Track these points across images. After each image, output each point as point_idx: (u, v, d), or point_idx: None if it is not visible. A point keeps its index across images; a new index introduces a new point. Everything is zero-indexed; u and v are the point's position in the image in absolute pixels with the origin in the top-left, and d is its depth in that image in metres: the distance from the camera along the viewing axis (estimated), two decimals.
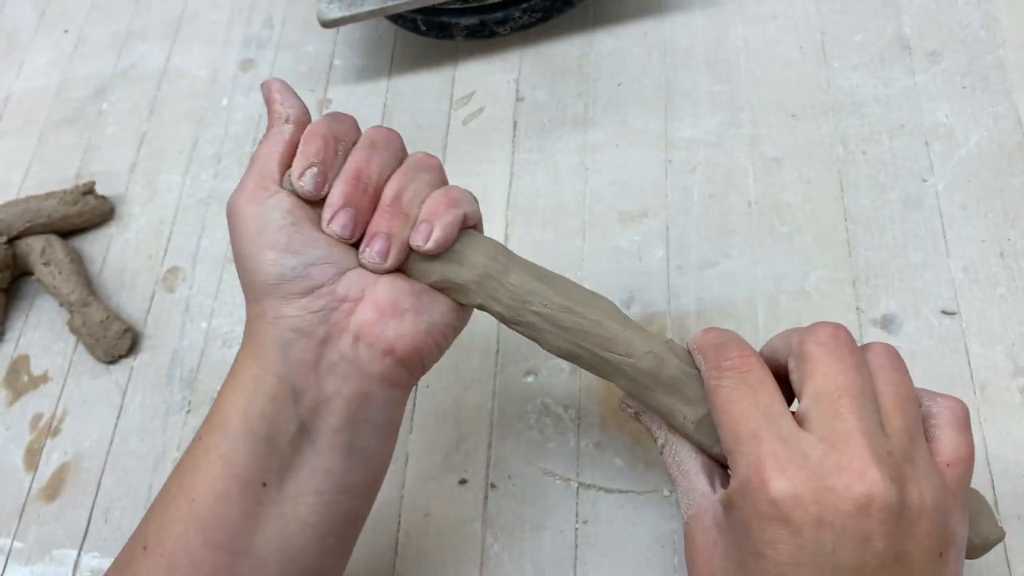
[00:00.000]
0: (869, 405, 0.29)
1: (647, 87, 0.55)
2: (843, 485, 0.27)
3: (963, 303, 0.45)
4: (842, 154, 0.50)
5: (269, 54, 0.62)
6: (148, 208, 0.56)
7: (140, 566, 0.32)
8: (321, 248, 0.33)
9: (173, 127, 0.60)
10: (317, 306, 0.32)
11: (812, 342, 0.30)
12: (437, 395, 0.47)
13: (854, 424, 0.28)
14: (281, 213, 0.32)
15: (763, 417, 0.29)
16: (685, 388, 0.33)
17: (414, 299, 0.34)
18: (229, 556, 0.31)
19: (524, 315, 0.35)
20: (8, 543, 0.46)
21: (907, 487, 0.28)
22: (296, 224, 0.32)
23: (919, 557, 0.28)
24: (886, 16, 0.55)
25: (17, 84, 0.64)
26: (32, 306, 0.54)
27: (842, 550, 0.27)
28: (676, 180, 0.51)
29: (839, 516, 0.27)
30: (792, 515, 0.27)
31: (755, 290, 0.47)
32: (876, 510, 0.27)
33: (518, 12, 0.57)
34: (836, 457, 0.27)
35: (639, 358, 0.34)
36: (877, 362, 0.30)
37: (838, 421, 0.28)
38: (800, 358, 0.30)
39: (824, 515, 0.27)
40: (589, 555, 0.41)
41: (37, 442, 0.49)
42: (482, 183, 0.53)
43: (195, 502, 0.32)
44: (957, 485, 0.29)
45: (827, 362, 0.29)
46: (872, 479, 0.27)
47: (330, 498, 0.33)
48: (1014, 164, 0.48)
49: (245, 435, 0.32)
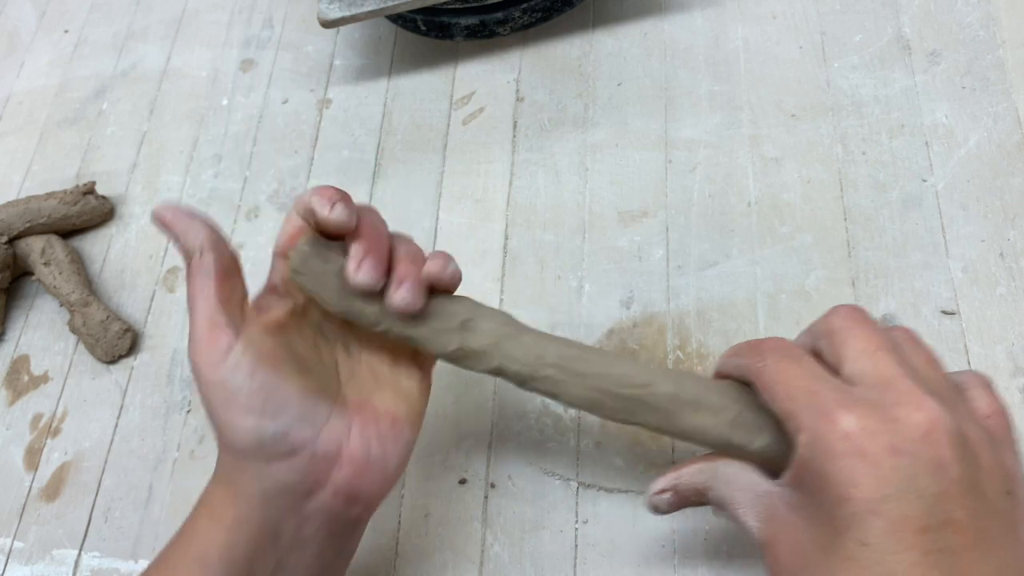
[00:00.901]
0: (905, 358, 0.30)
1: (647, 87, 0.55)
2: (905, 415, 0.28)
3: (963, 303, 0.45)
4: (842, 154, 0.50)
5: (269, 54, 0.62)
6: (148, 208, 0.57)
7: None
8: (295, 406, 0.32)
9: (173, 127, 0.60)
10: (298, 466, 0.33)
11: (836, 319, 0.32)
12: (437, 395, 0.47)
13: (897, 369, 0.29)
14: (244, 376, 0.31)
15: (813, 377, 0.30)
16: (709, 400, 0.33)
17: (381, 441, 0.34)
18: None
19: (542, 370, 0.35)
20: (8, 543, 0.46)
21: (961, 422, 0.28)
22: (263, 387, 0.32)
23: (991, 491, 0.28)
24: (886, 16, 0.55)
25: (18, 84, 0.64)
26: (32, 306, 0.54)
27: (921, 476, 0.27)
28: (676, 180, 0.51)
29: (910, 443, 0.27)
30: (866, 446, 0.27)
31: (755, 290, 0.47)
32: (941, 435, 0.27)
33: (518, 12, 0.57)
34: (891, 395, 0.28)
35: (658, 383, 0.34)
36: (901, 337, 0.32)
37: (882, 369, 0.29)
38: (828, 336, 0.31)
39: (896, 443, 0.27)
40: (589, 555, 0.41)
41: (37, 442, 0.49)
42: (482, 183, 0.53)
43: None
44: (1002, 434, 0.30)
45: (856, 329, 0.31)
46: (930, 407, 0.28)
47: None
48: (1014, 164, 0.48)
49: (227, 573, 0.32)
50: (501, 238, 0.51)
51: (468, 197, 0.53)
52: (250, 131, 0.59)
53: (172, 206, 0.34)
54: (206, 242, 0.33)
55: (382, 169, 0.55)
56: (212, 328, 0.32)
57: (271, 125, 0.59)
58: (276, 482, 0.32)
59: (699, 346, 0.46)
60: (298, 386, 0.33)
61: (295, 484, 0.33)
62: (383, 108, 0.58)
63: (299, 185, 0.56)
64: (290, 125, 0.58)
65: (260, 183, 0.56)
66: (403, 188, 0.54)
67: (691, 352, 0.46)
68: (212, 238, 0.33)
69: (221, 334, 0.32)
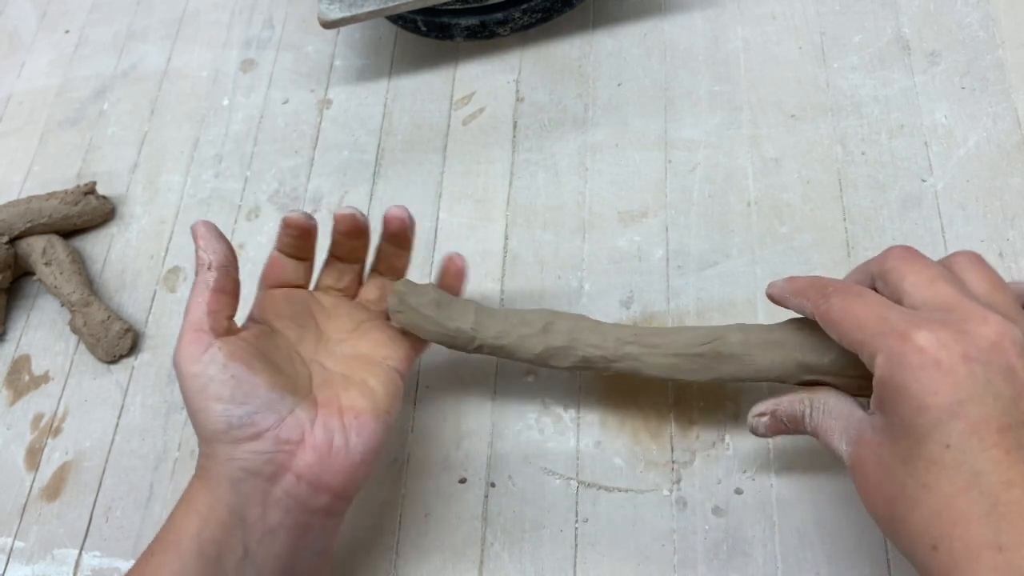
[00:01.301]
0: (963, 285, 0.32)
1: (647, 87, 0.55)
2: (973, 328, 0.30)
3: None
4: (841, 154, 0.51)
5: (270, 55, 0.62)
6: (149, 208, 0.57)
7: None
8: (262, 396, 0.36)
9: (174, 127, 0.60)
10: (263, 448, 0.35)
11: (891, 259, 0.34)
12: (437, 395, 0.47)
13: (957, 294, 0.31)
14: (218, 368, 0.35)
15: (881, 306, 0.32)
16: (774, 337, 0.37)
17: (344, 431, 0.37)
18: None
19: (623, 348, 0.39)
20: (9, 542, 0.46)
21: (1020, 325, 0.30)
22: (235, 377, 0.35)
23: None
24: (885, 17, 0.55)
25: (18, 84, 0.64)
26: (33, 306, 0.54)
27: (996, 380, 0.29)
28: (676, 180, 0.51)
29: (981, 352, 0.29)
30: (941, 356, 0.29)
31: (755, 290, 0.47)
32: (1009, 343, 0.29)
33: (518, 13, 0.57)
34: (956, 314, 0.30)
35: (726, 336, 0.38)
36: (964, 263, 0.34)
37: (943, 296, 0.31)
38: (885, 274, 0.34)
39: (969, 351, 0.29)
40: (589, 554, 0.42)
41: (38, 442, 0.49)
42: (482, 183, 0.54)
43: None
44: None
45: (912, 264, 0.33)
46: (994, 320, 0.30)
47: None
48: (1013, 164, 0.48)
49: (196, 556, 0.34)
50: (501, 238, 0.51)
51: (468, 197, 0.53)
52: (251, 131, 0.59)
53: (209, 223, 0.39)
54: (217, 260, 0.38)
55: (382, 169, 0.55)
56: (196, 331, 0.36)
57: (271, 125, 0.59)
58: (243, 464, 0.35)
59: None
60: (267, 381, 0.36)
61: (260, 466, 0.35)
62: (383, 108, 0.58)
63: (299, 185, 0.56)
64: (290, 125, 0.58)
65: (260, 183, 0.56)
66: (403, 188, 0.54)
67: None
68: (224, 259, 0.38)
69: (203, 336, 0.36)
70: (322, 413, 0.37)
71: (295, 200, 0.55)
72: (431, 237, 0.52)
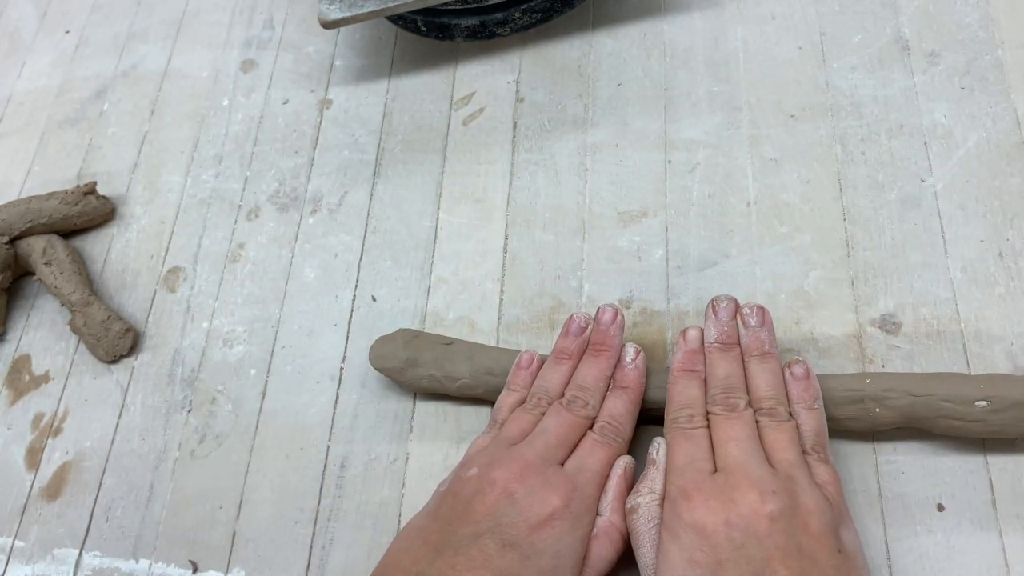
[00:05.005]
0: (753, 446, 0.38)
1: (646, 88, 0.55)
2: (738, 497, 0.35)
3: (962, 303, 0.45)
4: (841, 154, 0.51)
5: (270, 55, 0.62)
6: (149, 208, 0.57)
7: None
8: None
9: (174, 127, 0.60)
10: None
11: (711, 415, 0.40)
12: (438, 396, 0.47)
13: (741, 460, 0.37)
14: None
15: (687, 457, 0.38)
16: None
17: None
18: None
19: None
20: (10, 542, 0.46)
21: (794, 495, 0.35)
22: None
23: (820, 551, 0.34)
24: (885, 17, 0.55)
25: (19, 85, 0.64)
26: (33, 306, 0.54)
27: (749, 544, 0.34)
28: (675, 180, 0.51)
29: (741, 518, 0.35)
30: (707, 520, 0.35)
31: (754, 290, 0.47)
32: (767, 511, 0.35)
33: (518, 13, 0.57)
34: (734, 480, 0.36)
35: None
36: (771, 415, 0.39)
37: (730, 459, 0.37)
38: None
39: (730, 518, 0.35)
40: None
41: (38, 441, 0.49)
42: (482, 183, 0.54)
43: None
44: (835, 499, 0.37)
45: (718, 422, 0.39)
46: (756, 491, 0.35)
47: None
48: (1012, 164, 0.48)
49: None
50: (501, 238, 0.51)
51: (468, 197, 0.53)
52: (251, 131, 0.59)
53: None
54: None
55: (382, 169, 0.55)
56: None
57: (272, 125, 0.59)
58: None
59: None
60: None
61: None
62: (383, 109, 0.58)
63: (299, 185, 0.56)
64: (291, 125, 0.58)
65: (261, 183, 0.56)
66: (403, 188, 0.54)
67: None
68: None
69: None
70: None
71: (295, 200, 0.55)
72: (431, 237, 0.52)
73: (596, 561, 0.37)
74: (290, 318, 0.51)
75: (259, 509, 0.45)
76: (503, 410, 0.43)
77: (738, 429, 0.38)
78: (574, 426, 0.41)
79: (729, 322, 0.42)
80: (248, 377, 0.49)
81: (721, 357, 0.41)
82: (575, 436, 0.41)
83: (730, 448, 0.38)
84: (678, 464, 0.38)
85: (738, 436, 0.38)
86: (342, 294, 0.51)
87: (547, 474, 0.38)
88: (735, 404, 0.39)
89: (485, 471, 0.38)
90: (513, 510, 0.37)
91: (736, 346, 0.42)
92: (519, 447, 0.39)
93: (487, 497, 0.37)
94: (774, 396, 0.40)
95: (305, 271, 0.52)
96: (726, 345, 0.42)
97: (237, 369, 0.50)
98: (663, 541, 0.36)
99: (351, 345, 0.49)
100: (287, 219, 0.55)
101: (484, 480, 0.38)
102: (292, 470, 0.46)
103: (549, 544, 0.36)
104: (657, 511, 0.38)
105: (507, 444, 0.40)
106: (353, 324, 0.50)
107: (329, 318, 0.50)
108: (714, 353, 0.41)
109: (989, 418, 0.38)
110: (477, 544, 0.36)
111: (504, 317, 0.49)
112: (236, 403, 0.49)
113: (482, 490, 0.37)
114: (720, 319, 0.42)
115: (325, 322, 0.50)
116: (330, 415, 0.47)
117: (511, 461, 0.38)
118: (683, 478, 0.37)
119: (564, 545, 0.36)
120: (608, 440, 0.40)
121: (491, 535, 0.36)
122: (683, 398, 0.41)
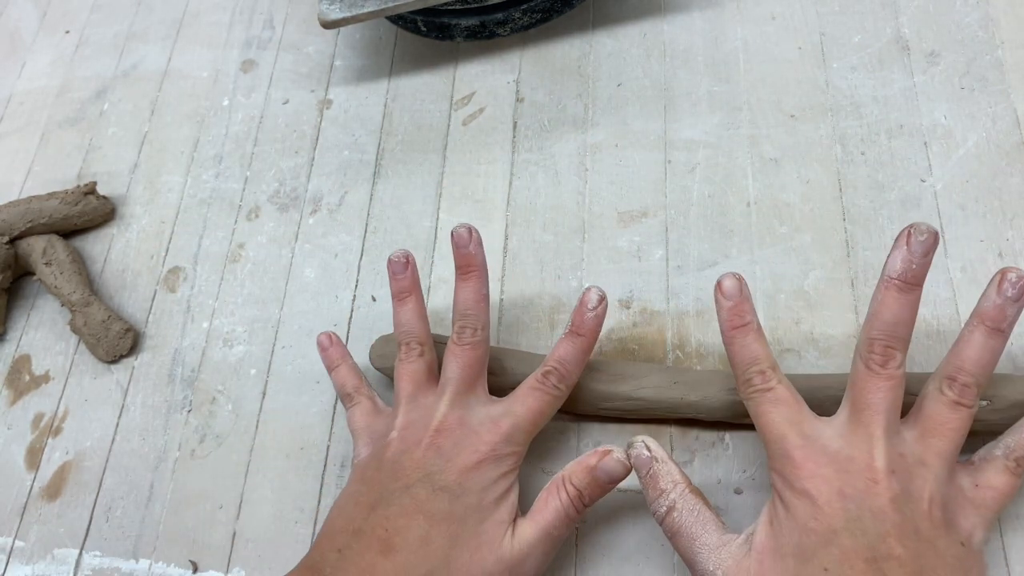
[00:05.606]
0: (891, 420, 0.34)
1: (647, 88, 0.55)
2: (855, 469, 0.34)
3: (961, 303, 0.45)
4: (841, 154, 0.51)
5: (270, 55, 0.62)
6: (149, 208, 0.57)
7: None
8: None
9: (174, 128, 0.60)
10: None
11: (859, 359, 0.36)
12: None
13: (873, 431, 0.34)
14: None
15: (786, 423, 0.36)
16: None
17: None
18: None
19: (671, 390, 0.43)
20: (10, 542, 0.46)
21: (913, 480, 0.33)
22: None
23: (940, 540, 0.33)
24: (884, 17, 0.55)
25: (19, 85, 0.64)
26: (33, 306, 0.54)
27: (865, 517, 0.33)
28: (675, 180, 0.51)
29: (856, 491, 0.33)
30: (821, 488, 0.33)
31: (754, 290, 0.47)
32: (884, 489, 0.33)
33: (518, 13, 0.57)
34: (850, 451, 0.34)
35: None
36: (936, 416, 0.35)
37: (860, 427, 0.35)
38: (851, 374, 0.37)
39: (845, 489, 0.33)
40: (589, 555, 0.42)
41: (38, 441, 0.49)
42: (482, 183, 0.54)
43: None
44: (989, 505, 0.35)
45: (859, 375, 0.36)
46: (878, 469, 0.33)
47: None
48: (1012, 164, 0.48)
49: None
50: (501, 238, 0.51)
51: (468, 197, 0.53)
52: (251, 131, 0.59)
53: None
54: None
55: (382, 169, 0.55)
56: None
57: (272, 125, 0.59)
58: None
59: (698, 346, 0.46)
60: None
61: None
62: (383, 108, 0.58)
63: (299, 185, 0.56)
64: (291, 125, 0.58)
65: (261, 183, 0.56)
66: (403, 188, 0.54)
67: (690, 352, 0.46)
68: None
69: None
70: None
71: (295, 200, 0.55)
72: (431, 237, 0.52)
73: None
74: (290, 318, 0.51)
75: (259, 509, 0.45)
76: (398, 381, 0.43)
77: (881, 395, 0.34)
78: (473, 361, 0.41)
79: (921, 259, 0.34)
80: (248, 377, 0.49)
81: (896, 298, 0.35)
82: (479, 366, 0.41)
83: (864, 417, 0.34)
84: (777, 432, 0.36)
85: (876, 404, 0.34)
86: (342, 294, 0.51)
87: (472, 424, 0.39)
88: (890, 356, 0.35)
89: (407, 432, 0.39)
90: (441, 460, 0.38)
91: (919, 288, 0.35)
92: (432, 401, 0.40)
93: (415, 453, 0.38)
94: (976, 374, 0.35)
95: (305, 271, 0.52)
96: (908, 285, 0.35)
97: (237, 369, 0.50)
98: (773, 507, 0.35)
99: (351, 345, 0.49)
100: (287, 219, 0.55)
101: (409, 440, 0.39)
102: (292, 470, 0.46)
103: (476, 483, 0.38)
104: (693, 499, 0.36)
105: (411, 399, 0.41)
106: (353, 324, 0.50)
107: (329, 318, 0.50)
108: (890, 290, 0.35)
109: (989, 418, 0.38)
110: (409, 493, 0.37)
111: (504, 317, 0.49)
112: (236, 403, 0.49)
113: (408, 449, 0.39)
114: (912, 252, 0.34)
115: (325, 322, 0.50)
116: (330, 415, 0.47)
117: (430, 417, 0.40)
118: (786, 443, 0.35)
119: (489, 480, 0.38)
120: (548, 387, 0.40)
121: (421, 484, 0.37)
122: (745, 355, 0.37)
